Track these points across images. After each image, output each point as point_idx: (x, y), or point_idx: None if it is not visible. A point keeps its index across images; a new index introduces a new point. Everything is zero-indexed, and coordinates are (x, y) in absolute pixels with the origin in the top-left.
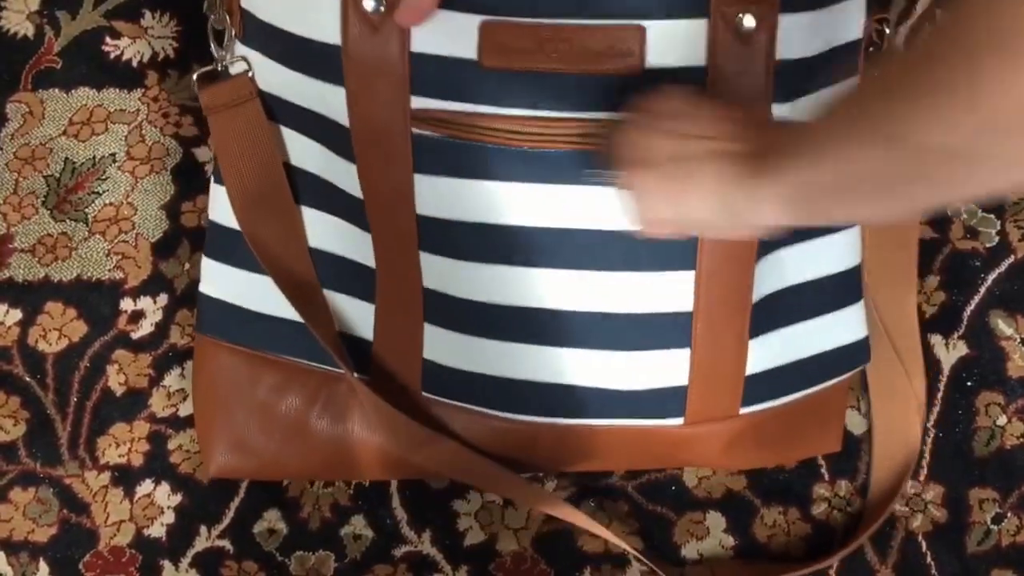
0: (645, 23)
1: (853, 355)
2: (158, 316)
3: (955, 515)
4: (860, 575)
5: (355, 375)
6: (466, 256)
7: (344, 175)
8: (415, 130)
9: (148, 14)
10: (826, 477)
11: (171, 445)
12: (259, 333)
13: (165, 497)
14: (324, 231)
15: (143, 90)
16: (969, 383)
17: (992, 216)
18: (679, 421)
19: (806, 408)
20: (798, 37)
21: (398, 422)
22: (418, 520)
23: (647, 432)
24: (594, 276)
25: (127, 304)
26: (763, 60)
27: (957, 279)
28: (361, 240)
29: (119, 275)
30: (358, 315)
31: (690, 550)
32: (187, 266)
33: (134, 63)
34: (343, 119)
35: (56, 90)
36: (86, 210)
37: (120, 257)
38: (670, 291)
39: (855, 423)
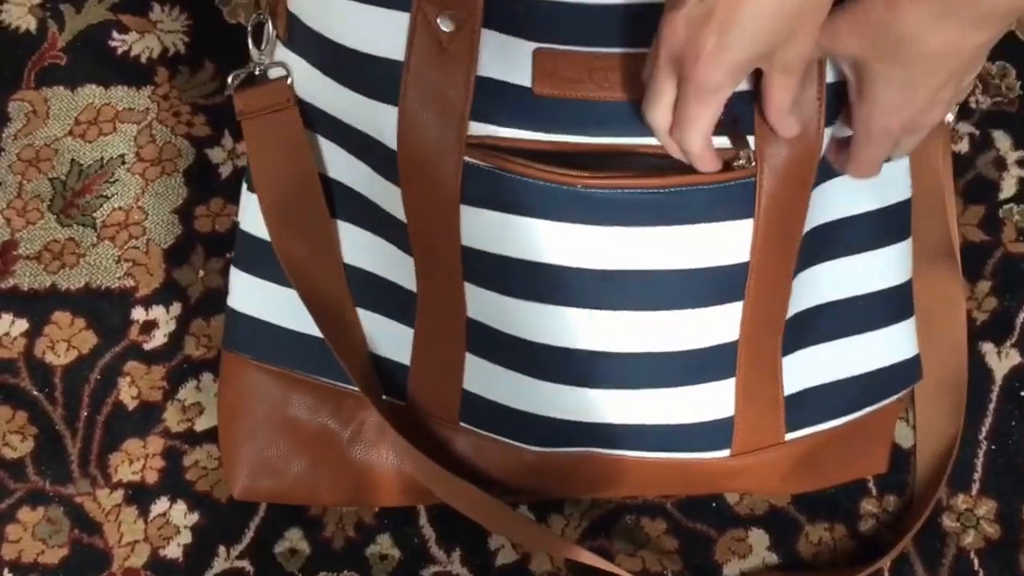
0: None
1: (903, 375)
2: (171, 326)
3: (1008, 531)
4: None
5: (383, 397)
6: (511, 292)
7: (386, 195)
8: (466, 159)
9: (157, 7)
10: (874, 492)
11: (187, 461)
12: (290, 352)
13: (181, 516)
14: (361, 248)
15: (153, 87)
16: (1022, 393)
17: None
18: (725, 453)
19: (854, 430)
20: None
21: (420, 462)
22: (447, 538)
23: (691, 463)
24: (641, 317)
25: (139, 314)
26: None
27: (1010, 284)
28: (401, 261)
29: (130, 283)
30: (395, 337)
31: (732, 569)
32: (201, 273)
33: (143, 59)
34: (390, 140)
35: (61, 88)
36: (94, 215)
37: (131, 264)
38: (718, 325)
39: (903, 435)
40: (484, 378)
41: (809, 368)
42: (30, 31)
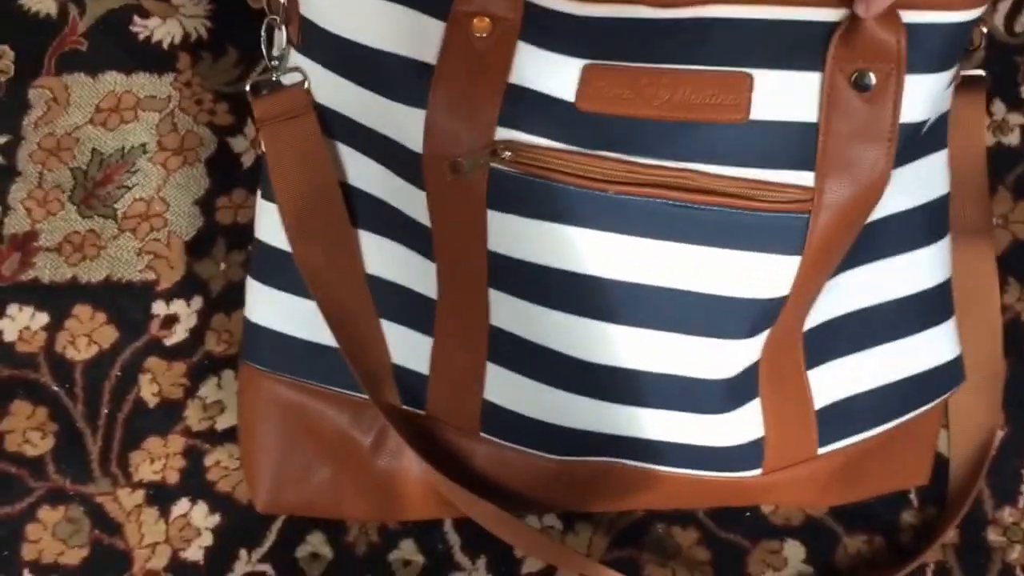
0: (753, 71)
1: (944, 378)
2: (192, 321)
3: None
4: None
5: (404, 408)
6: (539, 300)
7: (409, 201)
8: (494, 164)
9: None
10: (915, 503)
11: (208, 461)
12: (310, 364)
13: (203, 517)
14: (382, 257)
15: (175, 74)
16: None
17: None
18: (757, 472)
19: (894, 439)
20: (921, 99)
21: (435, 475)
22: (472, 545)
23: (723, 479)
24: (672, 338)
25: (159, 308)
26: (886, 121)
27: None
28: (423, 268)
29: (151, 276)
30: (415, 347)
31: None
32: (223, 266)
33: (164, 45)
34: (415, 144)
35: (82, 74)
36: (115, 205)
37: (152, 256)
38: (749, 351)
39: (945, 444)
40: (506, 388)
41: (841, 379)
42: (50, 16)
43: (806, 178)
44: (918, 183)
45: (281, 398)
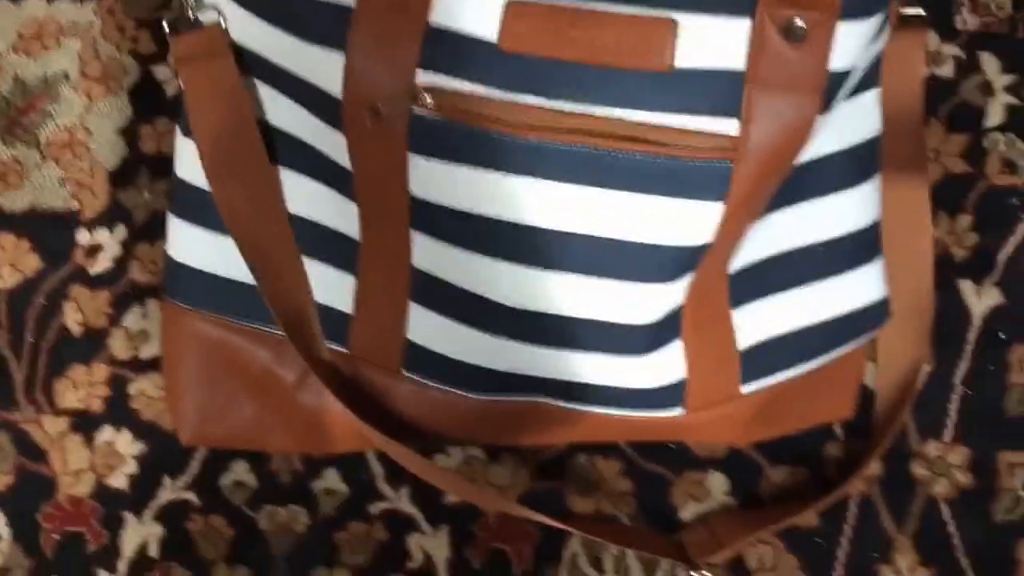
0: (678, 16)
1: (870, 318)
2: (117, 250)
3: (982, 480)
4: (875, 542)
5: (328, 346)
6: (461, 244)
7: (329, 143)
8: (415, 108)
9: None
10: (839, 436)
11: (132, 390)
12: (233, 302)
13: (127, 445)
14: (304, 196)
15: (96, 1)
16: (1001, 335)
17: None
18: (679, 411)
19: (818, 376)
20: (853, 46)
21: (350, 415)
22: (395, 475)
23: (646, 418)
24: (595, 283)
25: (84, 237)
26: (815, 69)
27: (992, 218)
28: (345, 208)
29: (74, 205)
30: (338, 286)
31: (688, 513)
32: (147, 196)
33: None
34: (334, 88)
35: (5, 1)
36: (38, 133)
37: (76, 186)
38: (672, 295)
39: (869, 374)
40: (428, 329)
41: (766, 320)
42: None
43: (731, 126)
44: (849, 124)
45: (203, 335)
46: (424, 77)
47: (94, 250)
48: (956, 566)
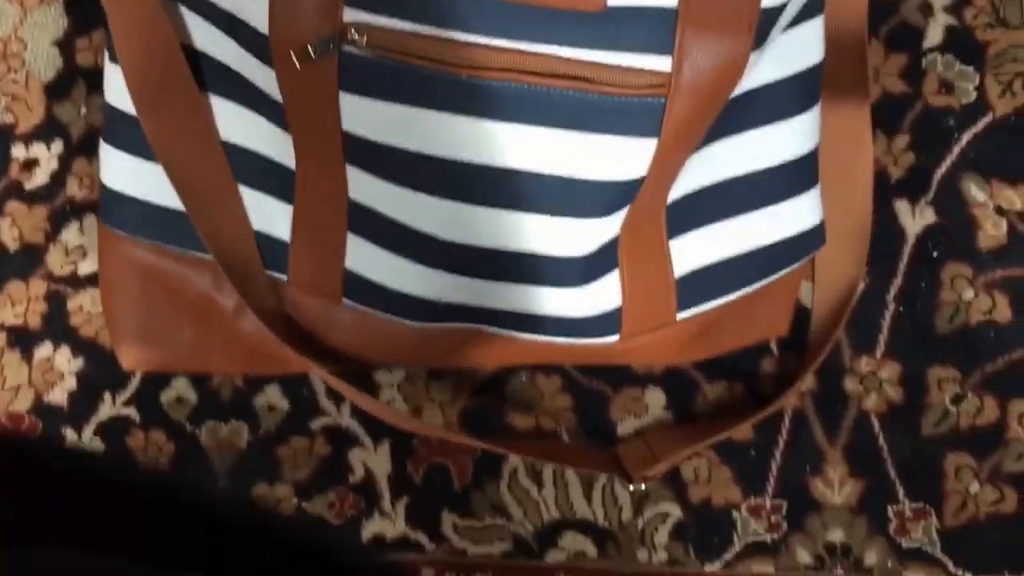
0: None
1: (805, 243)
2: (53, 165)
3: (912, 395)
4: (807, 455)
5: (267, 272)
6: (396, 180)
7: (260, 76)
8: (345, 47)
9: None
10: (775, 353)
11: (71, 306)
12: (170, 229)
13: (66, 361)
14: (237, 123)
15: None
16: (935, 254)
17: (971, 69)
18: (614, 338)
19: (754, 296)
20: None
21: (282, 346)
22: (337, 392)
23: (583, 346)
24: (528, 218)
25: (19, 151)
26: (748, 6)
27: (929, 138)
28: (281, 138)
29: (9, 119)
30: (275, 214)
31: (626, 427)
32: (84, 110)
33: None
34: (260, 24)
35: None
36: None
37: (10, 99)
38: (606, 229)
39: (805, 292)
40: (367, 260)
41: (702, 247)
42: None
43: (664, 63)
44: (790, 53)
45: (141, 261)
46: (352, 15)
47: (30, 165)
48: (885, 478)
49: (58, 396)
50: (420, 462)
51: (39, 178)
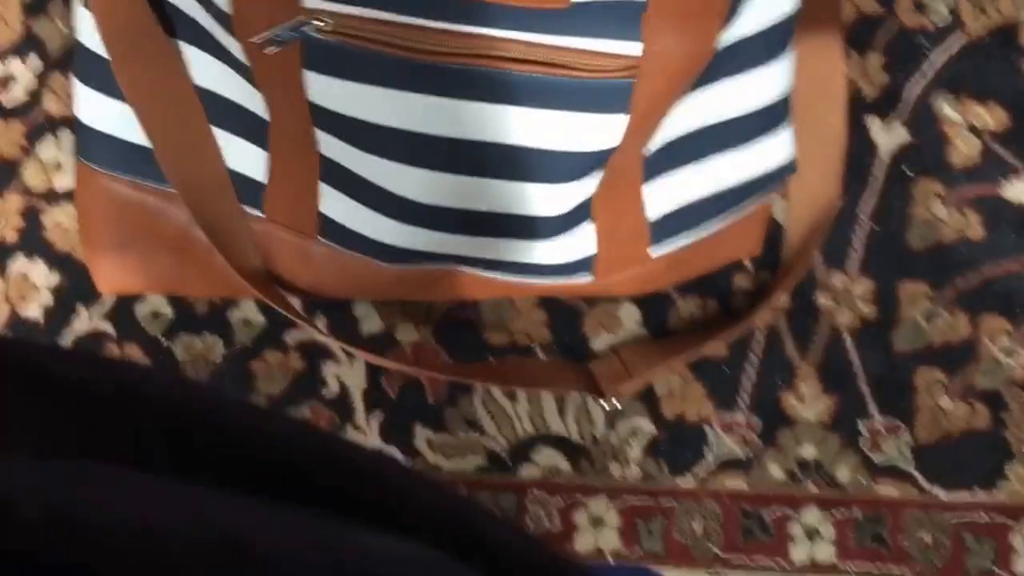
0: None
1: (777, 176)
2: (30, 81)
3: (884, 311)
4: (779, 369)
5: (243, 208)
6: (364, 148)
7: (228, 41)
8: (308, 30)
9: None
10: (748, 268)
11: (47, 221)
12: (146, 166)
13: (42, 276)
14: (212, 73)
15: None
16: (907, 172)
17: None
18: (588, 279)
19: (725, 227)
20: None
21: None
22: (312, 306)
23: (558, 285)
24: (502, 184)
25: None
26: None
27: (902, 57)
28: (253, 92)
29: None
30: (252, 158)
31: (600, 342)
32: (61, 25)
33: None
34: (225, 5)
35: None
36: None
37: None
38: (580, 191)
39: (777, 208)
40: (339, 208)
41: (676, 190)
42: None
43: (634, 48)
44: (764, 5)
45: (118, 196)
46: (312, 2)
47: (7, 80)
48: (857, 393)
49: (33, 310)
50: (394, 377)
51: (16, 94)
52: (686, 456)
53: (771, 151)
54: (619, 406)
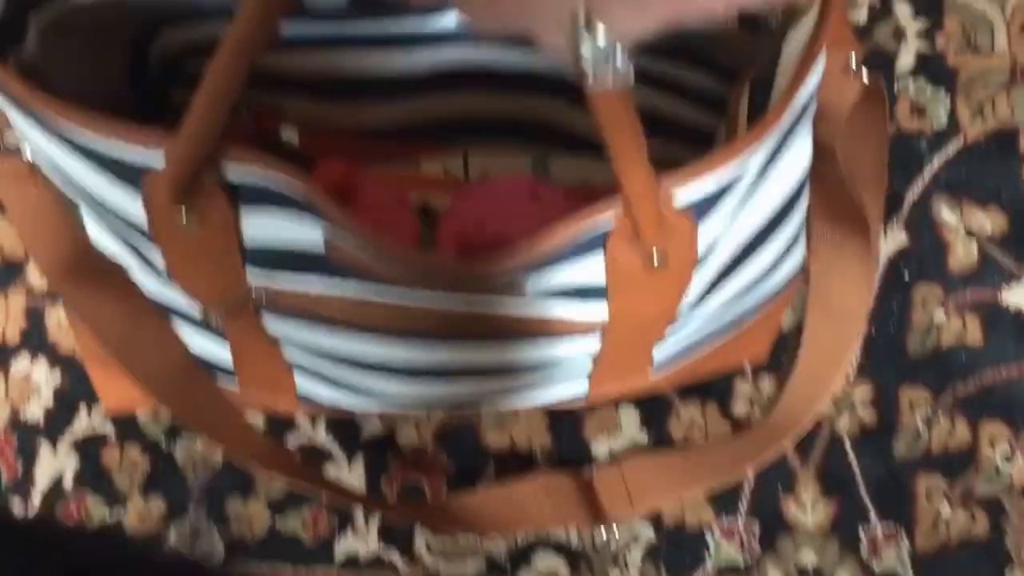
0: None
1: (787, 282)
2: None
3: (884, 417)
4: (780, 476)
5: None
6: (336, 363)
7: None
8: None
9: None
10: (748, 373)
11: (49, 321)
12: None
13: (43, 377)
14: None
15: None
16: (907, 275)
17: (943, 93)
18: (583, 401)
19: (732, 339)
20: (716, 227)
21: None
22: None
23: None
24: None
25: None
26: (672, 294)
27: (901, 161)
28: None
29: None
30: (217, 350)
31: (600, 446)
32: None
33: None
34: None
35: None
36: None
37: None
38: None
39: (784, 317)
40: (317, 391)
41: (684, 335)
42: None
43: (598, 313)
44: (767, 195)
45: None
46: (257, 280)
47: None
48: (858, 499)
49: (34, 411)
50: (394, 479)
51: None
52: (686, 561)
53: (783, 271)
54: (617, 537)
